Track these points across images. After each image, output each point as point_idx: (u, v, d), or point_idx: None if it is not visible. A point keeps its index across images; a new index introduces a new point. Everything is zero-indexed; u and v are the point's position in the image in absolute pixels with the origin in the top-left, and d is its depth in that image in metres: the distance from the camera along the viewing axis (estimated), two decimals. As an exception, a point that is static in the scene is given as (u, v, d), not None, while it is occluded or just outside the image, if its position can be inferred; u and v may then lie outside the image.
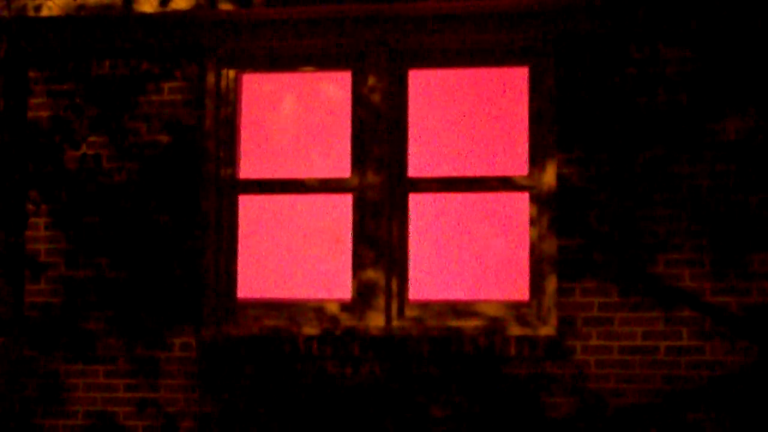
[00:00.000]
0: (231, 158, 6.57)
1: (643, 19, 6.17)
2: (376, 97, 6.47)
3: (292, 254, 10.31)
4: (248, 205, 10.43)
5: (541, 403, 6.15)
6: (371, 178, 6.44)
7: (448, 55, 6.49)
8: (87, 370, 6.49)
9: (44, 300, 6.54)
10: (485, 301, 6.36)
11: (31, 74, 6.65)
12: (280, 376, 6.34)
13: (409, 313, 6.41)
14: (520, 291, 9.93)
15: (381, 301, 6.39)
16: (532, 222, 6.34)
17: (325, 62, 6.59)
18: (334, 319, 6.45)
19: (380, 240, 6.41)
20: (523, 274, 9.91)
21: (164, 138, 6.51)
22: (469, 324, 6.32)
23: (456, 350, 6.20)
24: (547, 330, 6.25)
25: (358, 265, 6.45)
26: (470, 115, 10.10)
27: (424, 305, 6.40)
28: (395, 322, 6.40)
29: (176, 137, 6.50)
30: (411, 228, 10.13)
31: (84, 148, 6.59)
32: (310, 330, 6.39)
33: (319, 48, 6.56)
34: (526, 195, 9.98)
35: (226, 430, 6.36)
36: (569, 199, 6.19)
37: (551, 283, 6.26)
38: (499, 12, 6.29)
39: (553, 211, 6.29)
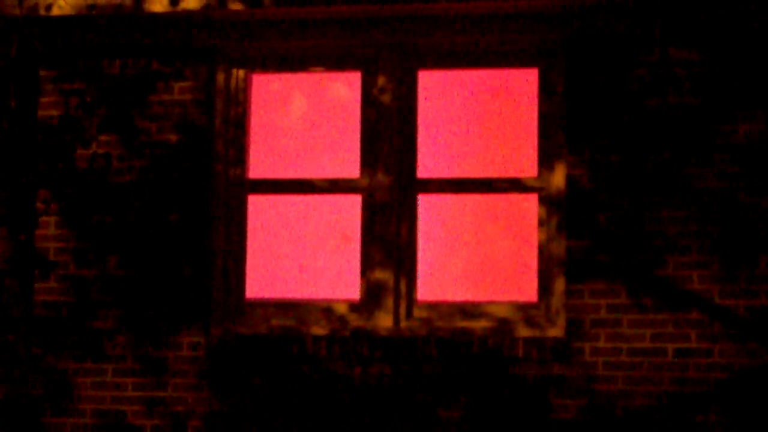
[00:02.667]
0: (240, 158, 6.58)
1: (653, 22, 6.17)
2: (385, 98, 6.48)
3: (300, 254, 10.31)
4: (257, 205, 10.44)
5: (548, 405, 6.15)
6: (380, 178, 6.45)
7: (458, 56, 6.49)
8: (96, 369, 6.50)
9: (53, 298, 6.55)
10: (494, 302, 6.36)
11: (42, 73, 6.67)
12: (288, 375, 6.35)
13: (418, 313, 6.41)
14: (529, 292, 9.93)
15: (389, 302, 6.39)
16: (541, 223, 6.34)
17: (334, 62, 6.60)
18: (342, 320, 6.45)
19: (389, 240, 6.41)
20: (532, 276, 9.91)
21: (174, 137, 6.52)
22: (478, 325, 6.32)
23: (464, 351, 6.20)
24: (555, 331, 6.25)
25: (366, 266, 6.45)
26: (480, 117, 10.10)
27: (433, 306, 6.40)
28: (404, 323, 6.40)
29: (186, 137, 6.51)
30: (420, 229, 10.13)
31: (94, 147, 6.60)
32: (319, 330, 6.39)
33: (329, 48, 6.56)
34: (535, 196, 9.98)
35: (234, 429, 6.36)
36: (578, 201, 6.19)
37: (560, 285, 6.26)
38: (509, 13, 6.29)
39: (562, 213, 6.29)
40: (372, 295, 6.42)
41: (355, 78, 10.36)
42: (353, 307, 6.46)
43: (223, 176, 6.55)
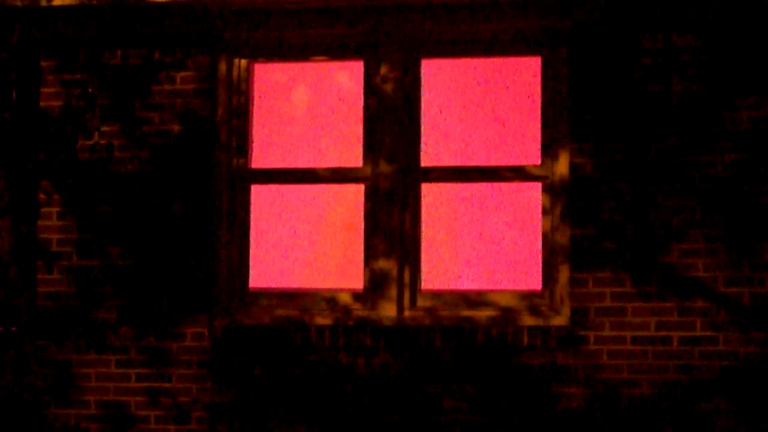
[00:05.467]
0: (243, 148, 6.57)
1: (657, 8, 6.14)
2: (388, 87, 6.46)
3: (304, 244, 10.30)
4: (260, 195, 10.43)
5: (553, 394, 6.14)
6: (383, 167, 6.43)
7: (461, 44, 6.47)
8: (99, 360, 6.50)
9: (56, 289, 6.55)
10: (498, 291, 6.34)
11: (44, 63, 6.65)
12: (292, 365, 6.34)
13: (422, 303, 6.40)
14: (533, 281, 9.92)
15: (393, 291, 6.38)
16: (545, 212, 6.32)
17: (337, 51, 6.58)
18: (346, 309, 6.44)
19: (392, 230, 6.40)
20: (536, 264, 9.90)
21: (176, 127, 6.51)
22: (482, 314, 6.31)
23: (468, 340, 6.19)
24: (559, 320, 6.23)
25: (370, 255, 6.44)
26: (483, 105, 10.07)
27: (437, 295, 6.39)
28: (407, 312, 6.39)
29: (188, 126, 6.49)
30: (423, 217, 10.12)
31: (96, 138, 6.59)
32: (322, 320, 6.38)
33: (331, 37, 6.54)
34: (538, 185, 9.96)
35: (238, 419, 6.36)
36: (582, 189, 6.17)
37: (564, 273, 6.25)
38: (512, 1, 6.27)
39: (566, 201, 6.27)
40: (376, 284, 6.41)
41: (357, 67, 10.34)
42: (357, 296, 6.45)
43: (226, 166, 6.54)
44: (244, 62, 6.62)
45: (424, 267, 10.10)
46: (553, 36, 6.37)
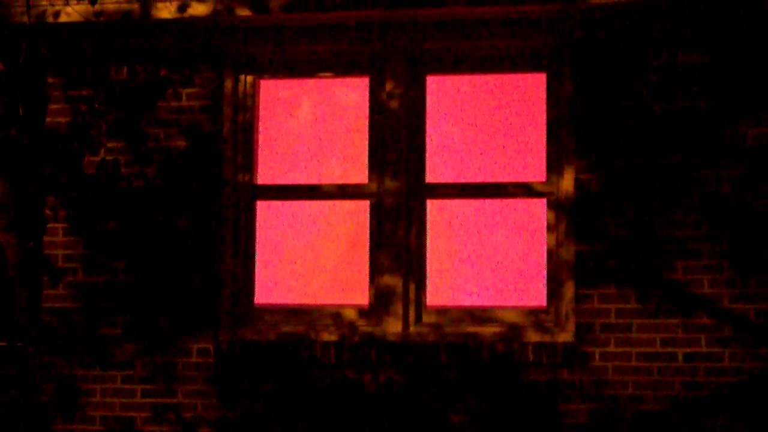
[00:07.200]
0: (249, 164, 6.58)
1: (662, 26, 6.15)
2: (393, 103, 6.47)
3: (309, 260, 10.31)
4: (266, 211, 10.43)
5: (558, 410, 6.13)
6: (389, 184, 6.43)
7: (466, 61, 6.48)
8: (104, 376, 6.50)
9: (62, 305, 6.55)
10: (503, 308, 6.34)
11: (50, 80, 6.67)
12: (297, 382, 6.34)
13: (427, 319, 6.40)
14: (538, 297, 9.91)
15: (399, 307, 6.38)
16: (550, 228, 6.32)
17: (343, 68, 6.59)
18: (351, 325, 6.44)
19: (398, 246, 6.40)
20: (541, 281, 9.89)
21: (182, 143, 6.52)
22: (487, 330, 6.31)
23: (474, 356, 6.18)
24: (564, 336, 6.23)
25: (375, 271, 6.44)
26: (488, 121, 10.08)
27: (442, 311, 6.39)
28: (413, 328, 6.39)
29: (194, 143, 6.51)
30: (428, 233, 10.12)
31: (102, 154, 6.60)
32: (328, 336, 6.38)
33: (336, 54, 6.56)
34: (543, 201, 9.96)
35: (244, 435, 6.36)
36: (587, 205, 6.17)
37: (569, 290, 6.24)
38: (517, 18, 6.28)
39: (571, 217, 6.27)
40: (381, 300, 6.41)
41: (363, 83, 10.35)
42: (362, 312, 6.45)
43: (232, 182, 6.55)
44: (249, 78, 6.64)
45: (430, 283, 10.09)
46: (558, 53, 6.38)
